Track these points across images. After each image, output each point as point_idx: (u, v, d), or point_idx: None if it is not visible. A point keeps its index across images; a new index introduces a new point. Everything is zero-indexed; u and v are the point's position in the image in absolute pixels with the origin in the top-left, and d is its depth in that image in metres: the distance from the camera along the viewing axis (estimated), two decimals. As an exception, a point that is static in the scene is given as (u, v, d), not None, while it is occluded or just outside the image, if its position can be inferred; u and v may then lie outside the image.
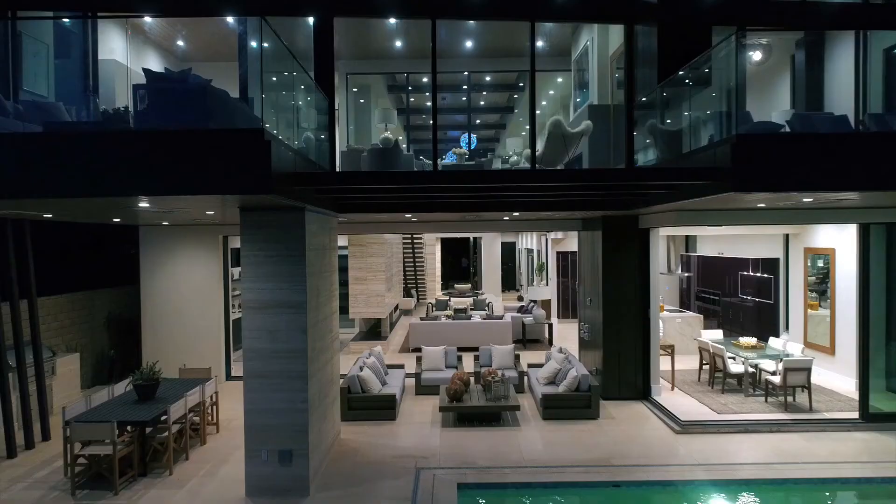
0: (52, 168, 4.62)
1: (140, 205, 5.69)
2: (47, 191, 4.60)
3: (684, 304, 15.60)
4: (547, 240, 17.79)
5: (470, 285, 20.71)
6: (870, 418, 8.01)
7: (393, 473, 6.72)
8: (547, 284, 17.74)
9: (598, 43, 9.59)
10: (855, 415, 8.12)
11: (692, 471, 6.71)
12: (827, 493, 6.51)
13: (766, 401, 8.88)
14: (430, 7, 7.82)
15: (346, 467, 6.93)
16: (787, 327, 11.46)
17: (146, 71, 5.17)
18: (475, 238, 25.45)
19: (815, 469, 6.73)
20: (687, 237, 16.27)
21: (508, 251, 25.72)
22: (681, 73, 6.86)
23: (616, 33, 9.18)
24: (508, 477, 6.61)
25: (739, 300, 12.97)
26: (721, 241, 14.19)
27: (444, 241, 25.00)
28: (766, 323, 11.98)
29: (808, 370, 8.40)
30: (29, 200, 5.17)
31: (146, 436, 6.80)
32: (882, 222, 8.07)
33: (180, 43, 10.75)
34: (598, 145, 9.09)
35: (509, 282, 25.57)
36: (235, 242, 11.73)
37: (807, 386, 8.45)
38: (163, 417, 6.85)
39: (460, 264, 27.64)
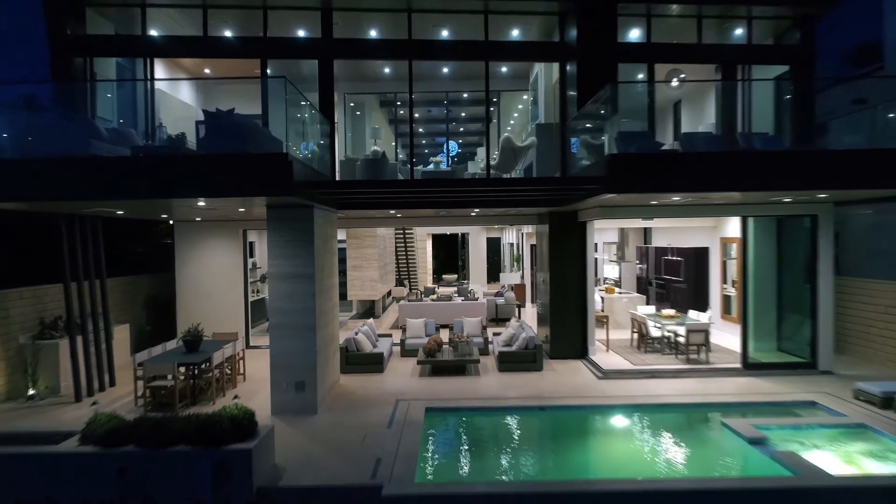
0: (146, 178, 6.94)
1: (199, 203, 8.02)
2: (146, 194, 6.93)
3: (642, 288, 17.90)
4: (522, 235, 20.09)
5: (456, 276, 22.96)
6: (749, 367, 10.35)
7: (379, 403, 9.05)
8: (521, 272, 20.03)
9: (545, 72, 11.89)
10: (739, 365, 10.46)
11: (600, 399, 9.04)
12: (699, 414, 8.78)
13: (676, 357, 11.20)
14: (408, 52, 10.15)
15: (344, 399, 9.28)
16: (710, 304, 13.78)
17: (205, 112, 7.50)
18: (463, 234, 27.72)
19: (697, 398, 9.04)
20: (645, 231, 18.57)
21: (494, 246, 28.05)
22: (586, 107, 9.19)
23: (557, 65, 11.49)
24: (464, 404, 8.94)
25: (681, 283, 15.27)
26: (669, 233, 16.49)
27: (435, 237, 27.30)
28: (699, 301, 14.28)
29: (706, 331, 10.73)
30: (130, 201, 7.49)
31: (195, 375, 9.15)
32: (757, 215, 10.40)
33: (207, 70, 13.07)
34: (545, 155, 11.39)
35: (495, 274, 27.86)
36: (252, 236, 14.06)
37: (705, 344, 10.78)
38: (203, 366, 9.21)
39: (450, 258, 29.92)
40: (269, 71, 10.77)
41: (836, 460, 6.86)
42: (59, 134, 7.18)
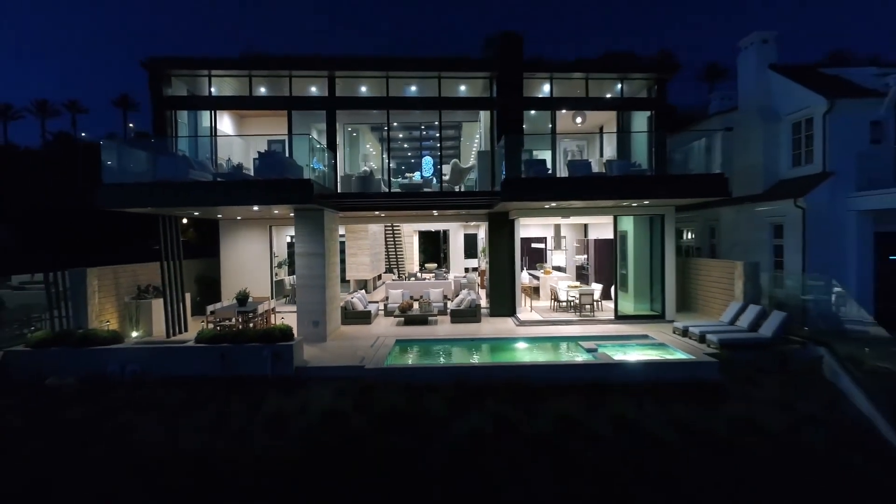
0: (224, 193, 11.74)
1: (254, 208, 12.83)
2: (225, 203, 11.74)
3: (581, 272, 22.67)
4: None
5: (437, 265, 27.71)
6: (618, 318, 15.19)
7: (366, 338, 13.86)
8: (487, 260, 24.78)
9: (484, 114, 16.69)
10: (612, 316, 15.29)
11: (512, 335, 13.84)
12: (570, 341, 13.54)
13: (574, 313, 16.03)
14: (386, 105, 14.99)
15: (343, 336, 14.10)
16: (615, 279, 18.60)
17: (259, 152, 12.30)
18: (444, 231, 32.54)
19: (574, 334, 13.82)
20: (585, 226, 23.37)
21: (471, 241, 32.83)
22: (497, 146, 14.02)
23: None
24: (422, 338, 13.75)
25: (601, 266, 20.08)
26: (600, 228, 21.27)
27: (421, 234, 32.08)
28: (611, 278, 19.05)
29: (592, 294, 15.56)
30: (211, 207, 12.33)
31: (246, 320, 13.96)
32: (623, 215, 15.23)
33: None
34: (483, 174, 16.17)
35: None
36: (274, 231, 18.82)
37: (592, 304, 15.60)
38: (251, 314, 14.02)
39: (435, 251, 34.77)
40: (293, 115, 15.61)
41: (633, 357, 11.71)
42: (173, 166, 12.01)
